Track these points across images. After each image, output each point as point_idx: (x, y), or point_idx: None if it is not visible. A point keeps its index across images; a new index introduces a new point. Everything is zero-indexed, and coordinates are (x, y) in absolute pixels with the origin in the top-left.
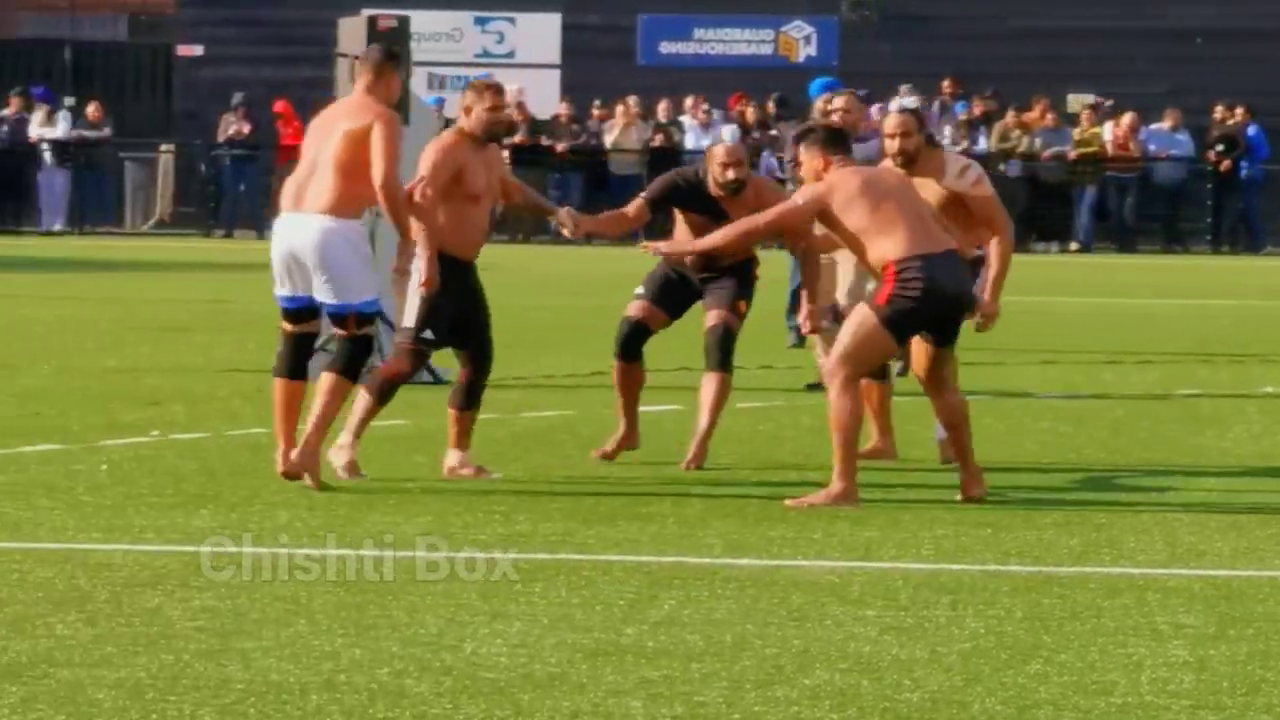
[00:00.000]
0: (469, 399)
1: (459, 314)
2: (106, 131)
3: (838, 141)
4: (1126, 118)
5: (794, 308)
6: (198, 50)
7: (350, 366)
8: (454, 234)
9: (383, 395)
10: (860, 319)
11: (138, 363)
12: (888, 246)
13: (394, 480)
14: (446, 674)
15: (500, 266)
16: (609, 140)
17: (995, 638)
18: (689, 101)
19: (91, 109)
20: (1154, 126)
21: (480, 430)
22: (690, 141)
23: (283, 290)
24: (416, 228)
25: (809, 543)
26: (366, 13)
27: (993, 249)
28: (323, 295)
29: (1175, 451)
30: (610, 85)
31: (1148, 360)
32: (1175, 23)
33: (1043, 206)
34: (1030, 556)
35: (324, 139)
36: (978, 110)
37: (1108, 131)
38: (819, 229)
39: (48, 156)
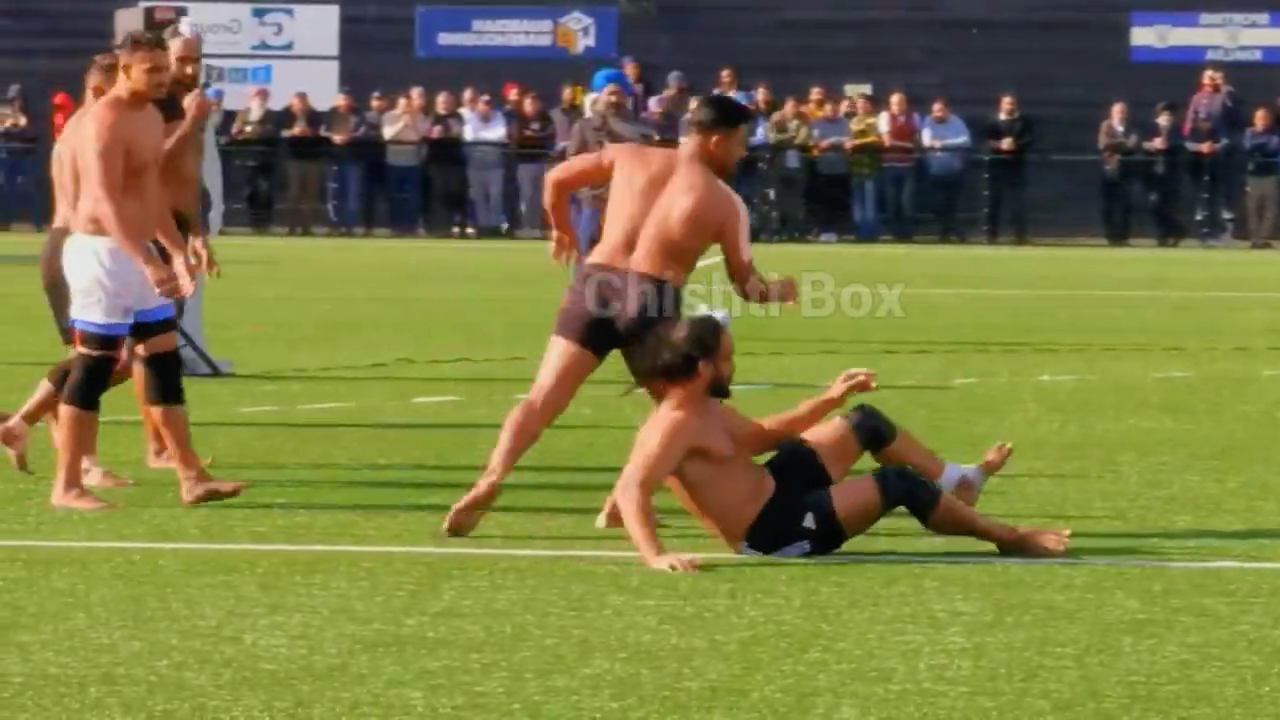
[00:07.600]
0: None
1: None
2: None
3: None
4: (895, 99)
5: None
6: None
7: None
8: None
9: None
10: None
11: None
12: None
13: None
14: (226, 666)
15: (278, 259)
16: (388, 132)
17: (774, 626)
18: (468, 94)
19: None
20: (932, 117)
21: (261, 421)
22: (469, 133)
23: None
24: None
25: (589, 533)
26: (143, 4)
27: None
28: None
29: (953, 439)
30: (389, 77)
31: (925, 349)
32: (949, 14)
33: (822, 196)
34: None
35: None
36: (761, 100)
37: (884, 123)
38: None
39: None
